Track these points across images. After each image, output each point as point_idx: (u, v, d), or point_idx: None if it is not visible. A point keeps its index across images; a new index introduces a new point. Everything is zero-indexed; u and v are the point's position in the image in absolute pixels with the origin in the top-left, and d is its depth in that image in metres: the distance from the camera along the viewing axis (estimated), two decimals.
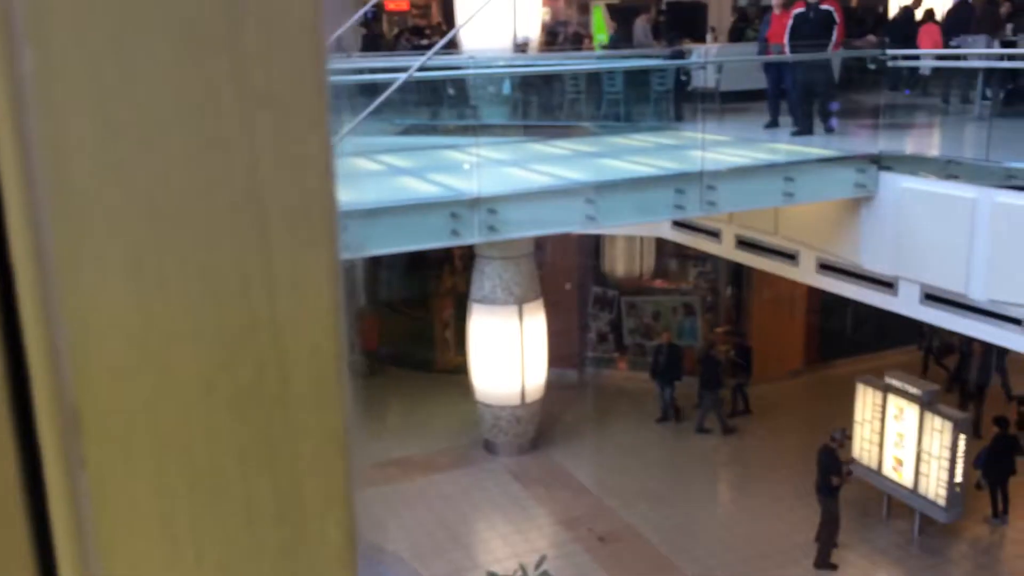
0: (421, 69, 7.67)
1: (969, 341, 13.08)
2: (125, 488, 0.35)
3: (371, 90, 8.31)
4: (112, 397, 0.34)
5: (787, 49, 10.30)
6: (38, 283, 0.32)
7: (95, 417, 0.34)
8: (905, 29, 13.19)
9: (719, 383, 13.34)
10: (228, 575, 0.37)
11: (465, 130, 11.08)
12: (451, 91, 11.89)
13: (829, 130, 10.00)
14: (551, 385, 13.28)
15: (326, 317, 0.38)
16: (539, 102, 12.42)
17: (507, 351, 12.66)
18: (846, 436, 10.58)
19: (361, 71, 11.47)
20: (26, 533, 0.33)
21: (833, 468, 10.33)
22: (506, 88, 12.04)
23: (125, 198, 0.33)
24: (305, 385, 0.38)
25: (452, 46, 12.76)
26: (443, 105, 12.35)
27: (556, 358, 13.83)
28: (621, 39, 14.64)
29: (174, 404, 0.35)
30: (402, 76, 7.00)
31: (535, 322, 12.86)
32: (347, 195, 8.27)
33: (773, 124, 10.82)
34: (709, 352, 13.52)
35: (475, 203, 7.92)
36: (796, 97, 10.41)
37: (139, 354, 0.34)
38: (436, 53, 7.85)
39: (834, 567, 10.39)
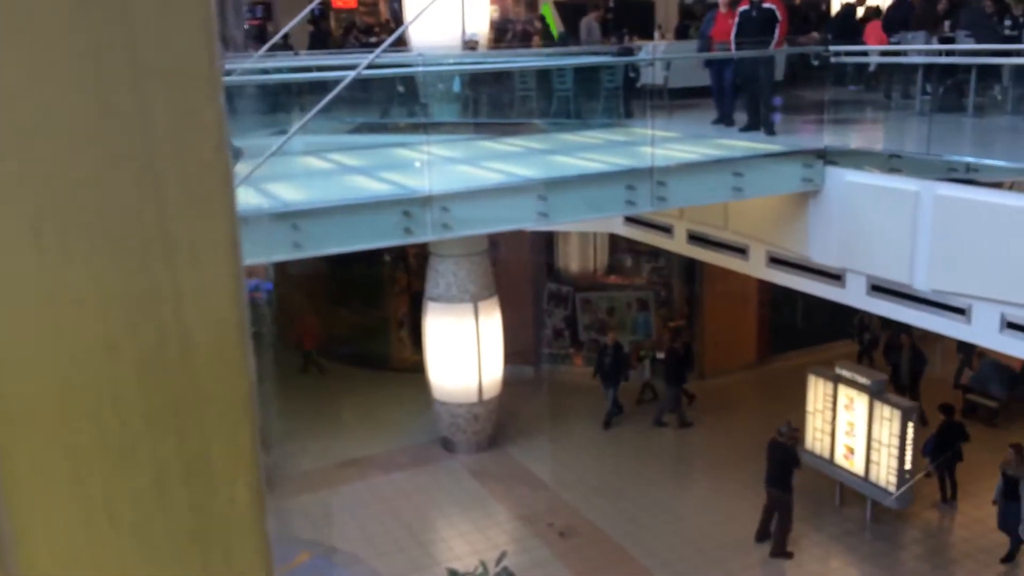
0: (370, 67, 7.62)
1: (898, 334, 13.43)
2: (35, 451, 0.35)
3: (320, 88, 8.24)
4: (20, 362, 0.34)
5: (732, 47, 10.43)
6: None
7: (3, 382, 0.34)
8: (846, 25, 13.44)
9: (682, 378, 13.44)
10: (141, 535, 0.38)
11: (416, 128, 11.04)
12: (401, 89, 11.85)
13: (770, 125, 10.15)
14: (508, 382, 13.31)
15: (226, 286, 0.38)
16: (489, 100, 12.42)
17: (463, 349, 12.65)
18: (793, 429, 10.76)
19: (309, 69, 11.37)
20: None
21: (790, 460, 10.50)
22: (456, 86, 12.02)
23: (23, 167, 0.33)
24: (208, 351, 0.39)
25: (401, 43, 12.70)
26: (393, 103, 12.29)
27: (512, 355, 13.85)
28: (570, 36, 14.71)
29: (80, 368, 0.36)
30: (351, 74, 6.95)
31: (490, 319, 12.87)
32: (298, 194, 8.21)
33: (721, 120, 10.94)
34: (672, 346, 13.62)
35: (427, 201, 7.89)
36: (743, 94, 10.54)
37: (44, 319, 0.35)
38: (385, 51, 7.81)
39: (790, 555, 10.57)
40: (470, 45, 13.49)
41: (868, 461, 10.95)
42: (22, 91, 0.33)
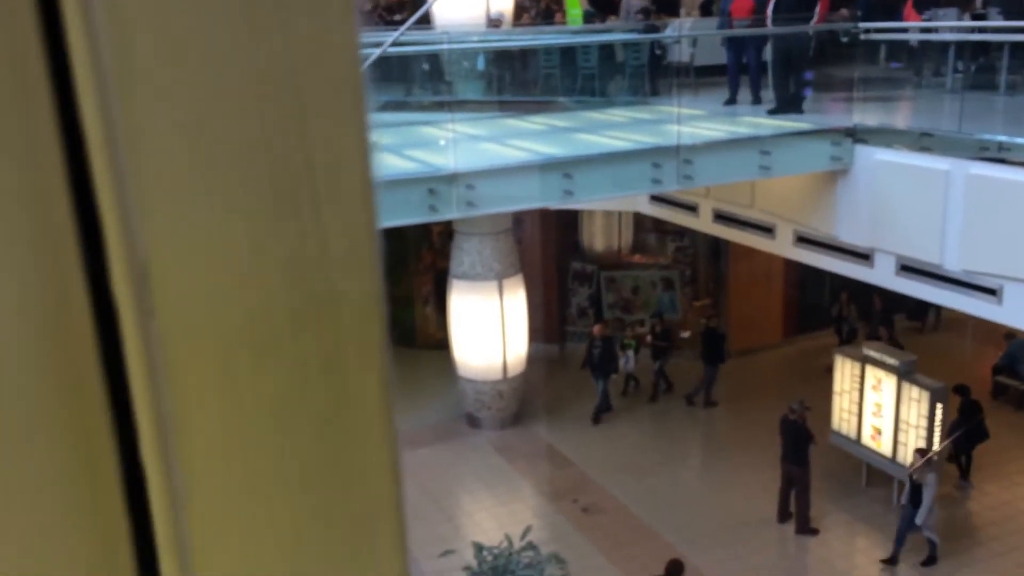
0: (395, 45, 7.61)
1: (877, 326, 13.28)
2: (190, 337, 0.38)
3: None
4: (176, 253, 0.38)
5: (769, 22, 10.29)
6: (107, 145, 0.35)
7: (161, 272, 0.37)
8: (876, 2, 13.20)
9: (720, 357, 13.34)
10: (283, 421, 0.41)
11: (441, 106, 11.02)
12: (426, 67, 11.82)
13: (799, 103, 10.00)
14: (532, 360, 13.33)
15: (361, 192, 0.41)
16: (514, 77, 12.37)
17: (488, 326, 12.68)
18: (805, 407, 10.72)
19: None
20: (101, 383, 0.37)
21: (802, 437, 10.47)
22: (481, 64, 11.98)
23: (181, 71, 0.37)
24: (343, 253, 0.42)
25: (425, 21, 12.65)
26: (418, 81, 12.27)
27: (537, 332, 13.87)
28: (597, 14, 14.57)
29: (230, 262, 0.39)
30: (375, 52, 6.95)
31: (515, 297, 12.88)
32: None
33: (732, 101, 10.85)
34: (708, 325, 13.55)
35: (452, 179, 7.90)
36: (775, 73, 10.39)
37: (198, 213, 0.38)
38: (409, 28, 7.79)
39: (815, 532, 10.56)
40: (494, 23, 13.41)
41: (895, 442, 10.88)
42: (182, 9, 0.37)
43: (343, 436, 0.43)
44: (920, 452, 10.04)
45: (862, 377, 11.24)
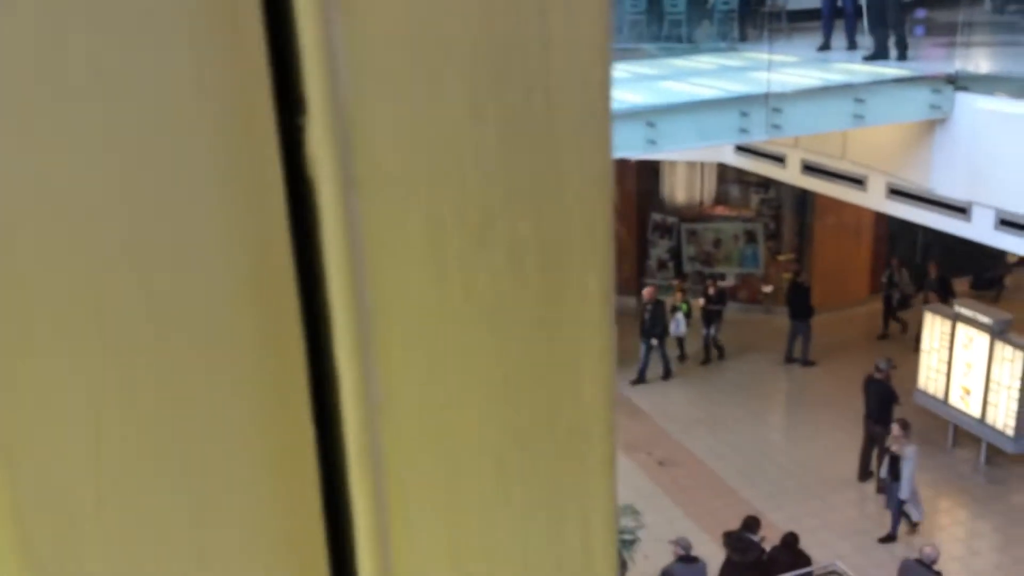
0: None
1: (926, 294, 12.72)
2: (395, 218, 0.33)
3: None
4: (384, 114, 0.33)
5: None
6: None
7: (365, 135, 0.32)
8: None
9: (809, 311, 13.00)
10: (491, 314, 0.36)
11: None
12: None
13: (903, 48, 9.55)
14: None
15: (596, 43, 0.35)
16: None
17: None
18: (892, 366, 10.44)
19: None
20: (291, 268, 0.33)
21: (888, 396, 10.22)
22: None
23: None
24: (572, 116, 0.35)
25: None
26: None
27: (615, 284, 13.73)
28: None
29: (445, 126, 0.33)
30: None
31: None
32: None
33: (825, 47, 10.46)
34: (797, 281, 13.23)
35: None
36: (871, 16, 9.95)
37: (411, 63, 0.32)
38: None
39: None
40: None
41: (985, 403, 10.55)
42: None
43: (555, 340, 0.37)
44: (900, 423, 9.58)
45: (952, 335, 10.89)
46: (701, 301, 13.31)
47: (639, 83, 10.14)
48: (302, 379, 0.33)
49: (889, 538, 9.68)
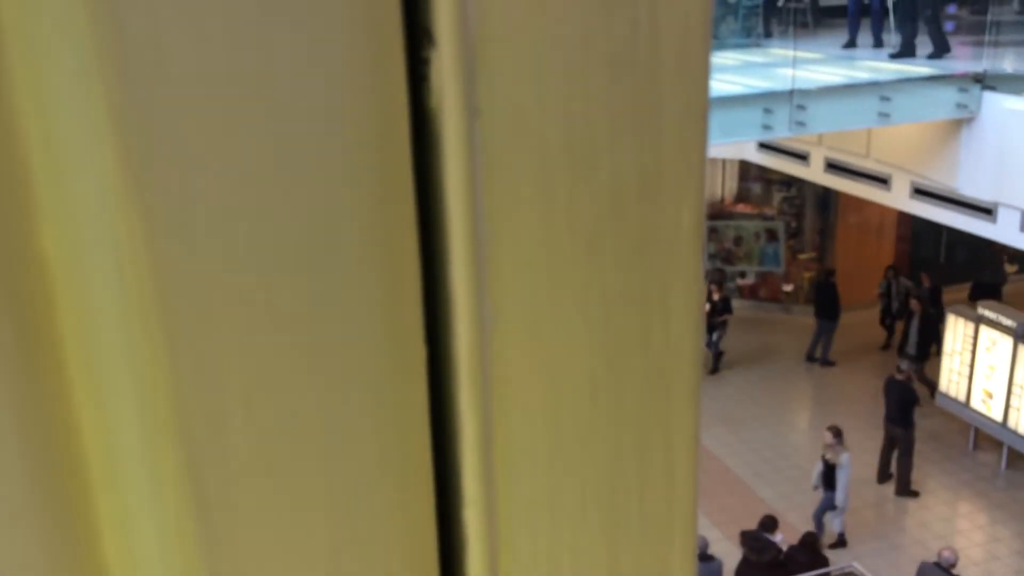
0: None
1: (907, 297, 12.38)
2: (510, 144, 0.34)
3: None
4: (506, 47, 0.33)
5: None
6: None
7: (488, 68, 0.33)
8: None
9: (836, 311, 12.82)
10: (593, 246, 0.37)
11: None
12: None
13: (942, 45, 9.40)
14: None
15: None
16: None
17: None
18: (912, 367, 10.35)
19: None
20: (409, 192, 0.33)
21: (909, 398, 10.12)
22: None
23: None
24: (674, 49, 0.36)
25: None
26: None
27: None
28: None
29: (557, 57, 0.34)
30: None
31: None
32: None
33: (851, 44, 10.37)
34: (827, 279, 13.08)
35: None
36: (898, 13, 9.84)
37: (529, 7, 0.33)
38: None
39: (915, 494, 10.28)
40: None
41: (1007, 406, 10.44)
42: None
43: (650, 273, 0.38)
44: (833, 431, 9.37)
45: (975, 338, 10.78)
46: (706, 307, 13.19)
47: None
48: (417, 302, 0.34)
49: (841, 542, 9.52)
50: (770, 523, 8.46)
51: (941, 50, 9.46)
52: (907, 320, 12.11)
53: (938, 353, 11.62)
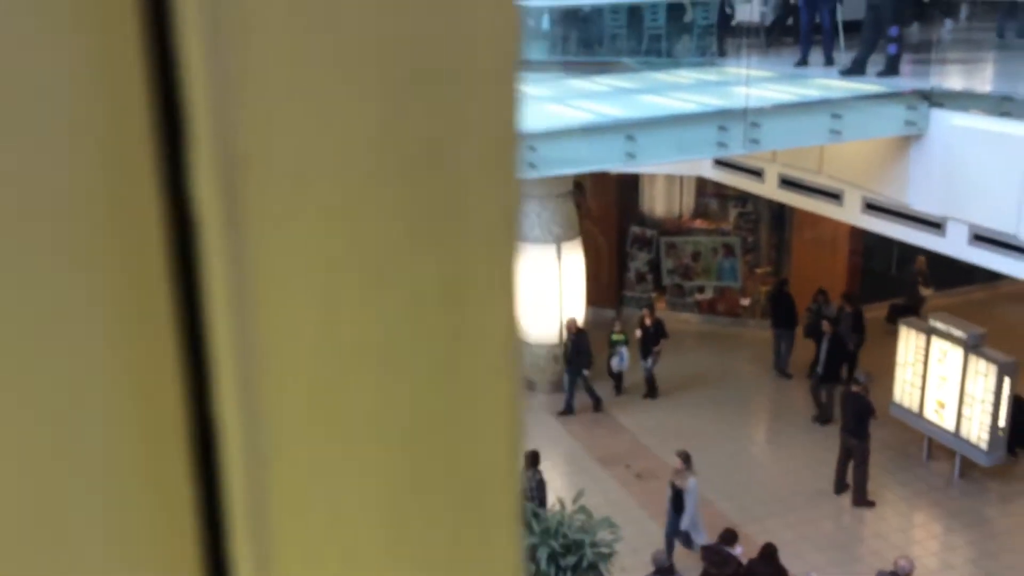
0: None
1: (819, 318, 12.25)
2: (285, 254, 0.31)
3: None
4: (276, 152, 0.31)
5: None
6: None
7: (255, 175, 0.30)
8: None
9: (795, 322, 13.00)
10: (390, 360, 0.34)
11: None
12: None
13: (893, 64, 9.61)
14: (590, 324, 13.29)
15: (503, 77, 0.34)
16: (579, 37, 12.21)
17: (545, 290, 12.66)
18: (870, 380, 10.52)
19: None
20: (169, 303, 0.31)
21: (865, 410, 10.28)
22: (545, 23, 11.83)
23: None
24: (479, 153, 0.34)
25: None
26: None
27: (594, 297, 13.81)
28: None
29: (344, 165, 0.32)
30: None
31: (573, 261, 12.83)
32: None
33: (803, 62, 10.58)
34: (782, 289, 13.28)
35: None
36: (869, 32, 10.01)
37: (306, 100, 0.31)
38: None
39: (871, 504, 10.42)
40: None
41: (959, 416, 10.64)
42: None
43: (457, 385, 0.35)
44: (681, 456, 9.34)
45: (927, 349, 10.99)
46: (638, 333, 12.62)
47: (619, 97, 10.19)
48: (181, 432, 0.31)
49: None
50: (730, 536, 8.52)
51: (891, 69, 9.68)
52: (817, 342, 11.95)
53: (849, 378, 11.67)
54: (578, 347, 12.16)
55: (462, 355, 0.35)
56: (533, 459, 9.59)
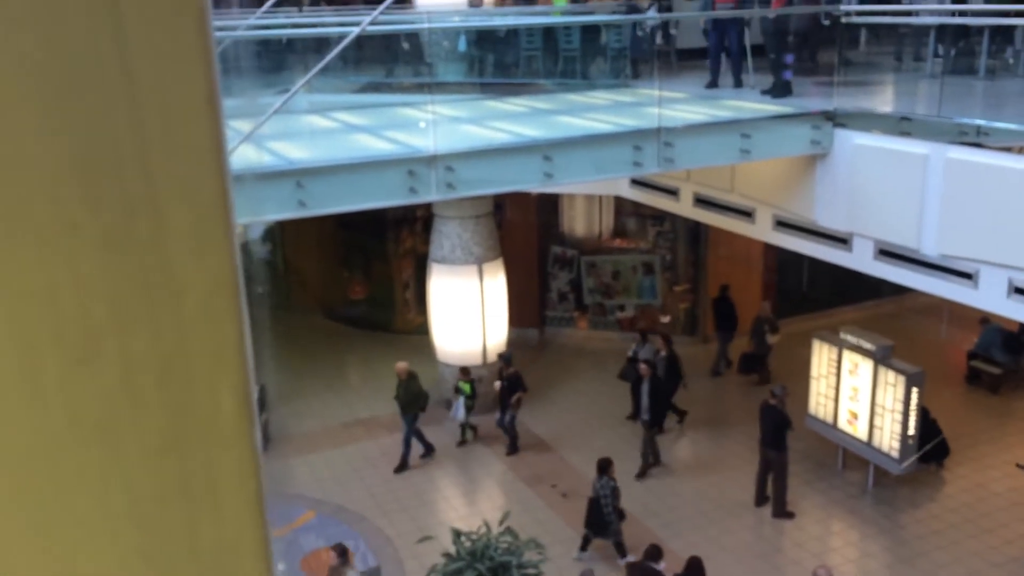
0: (375, 24, 7.53)
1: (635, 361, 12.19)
2: None
3: (325, 46, 8.14)
4: None
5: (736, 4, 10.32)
6: None
7: None
8: None
9: (734, 325, 13.73)
10: (106, 439, 0.32)
11: (421, 88, 10.94)
12: (406, 47, 11.73)
13: (782, 87, 10.01)
14: (512, 345, 13.31)
15: (204, 152, 0.32)
16: (496, 59, 12.30)
17: (468, 311, 12.64)
18: (785, 392, 10.79)
19: (313, 26, 11.23)
20: None
21: (782, 422, 10.53)
22: (462, 45, 11.89)
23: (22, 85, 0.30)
24: (185, 227, 0.33)
25: (407, 1, 12.51)
26: (398, 62, 12.18)
27: (517, 317, 13.85)
28: None
29: (33, 243, 0.30)
30: (354, 31, 6.86)
31: (495, 282, 12.85)
32: (303, 152, 8.15)
33: (713, 84, 10.89)
34: (724, 295, 13.84)
35: (432, 160, 7.84)
36: (774, 55, 10.35)
37: None
38: (390, 9, 7.71)
39: (791, 515, 10.63)
40: (475, 3, 13.32)
41: (871, 426, 10.96)
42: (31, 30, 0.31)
43: (187, 463, 0.34)
44: (337, 550, 8.65)
45: (839, 362, 11.31)
46: (496, 385, 12.18)
47: (536, 117, 10.29)
48: None
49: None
50: (655, 552, 8.58)
51: (784, 91, 10.01)
52: (636, 385, 11.72)
53: (680, 421, 12.03)
54: (409, 393, 11.61)
55: (190, 430, 0.34)
56: (605, 466, 9.75)
